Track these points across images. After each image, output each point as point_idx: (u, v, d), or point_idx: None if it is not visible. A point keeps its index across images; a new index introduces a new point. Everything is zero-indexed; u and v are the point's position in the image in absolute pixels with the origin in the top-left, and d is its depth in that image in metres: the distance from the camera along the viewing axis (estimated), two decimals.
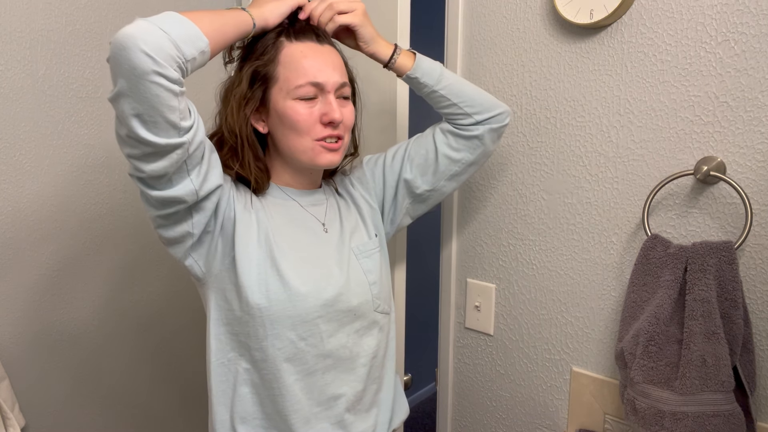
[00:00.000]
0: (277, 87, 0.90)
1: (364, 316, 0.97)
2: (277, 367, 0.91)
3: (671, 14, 0.97)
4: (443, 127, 1.03)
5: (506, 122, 1.04)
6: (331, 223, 1.00)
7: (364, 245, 1.01)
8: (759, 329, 0.94)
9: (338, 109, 0.90)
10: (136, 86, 0.72)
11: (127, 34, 0.71)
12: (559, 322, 1.18)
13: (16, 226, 1.24)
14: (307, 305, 0.90)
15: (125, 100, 0.73)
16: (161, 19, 0.74)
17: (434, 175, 1.04)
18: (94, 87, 1.34)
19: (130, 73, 0.71)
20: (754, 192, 0.92)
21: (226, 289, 0.91)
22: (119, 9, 1.36)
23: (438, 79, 0.98)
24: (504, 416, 1.30)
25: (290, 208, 0.97)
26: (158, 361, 1.57)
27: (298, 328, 0.90)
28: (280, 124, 0.91)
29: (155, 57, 0.71)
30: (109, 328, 1.44)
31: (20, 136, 1.23)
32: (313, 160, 0.92)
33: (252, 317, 0.89)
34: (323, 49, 0.92)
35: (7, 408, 1.18)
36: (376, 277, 1.00)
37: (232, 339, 0.92)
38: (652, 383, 0.92)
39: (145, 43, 0.70)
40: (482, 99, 1.01)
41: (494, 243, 1.26)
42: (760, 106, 0.90)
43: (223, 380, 0.94)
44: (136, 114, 0.73)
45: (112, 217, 1.41)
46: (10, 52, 1.20)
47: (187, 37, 0.75)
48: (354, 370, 0.97)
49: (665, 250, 0.95)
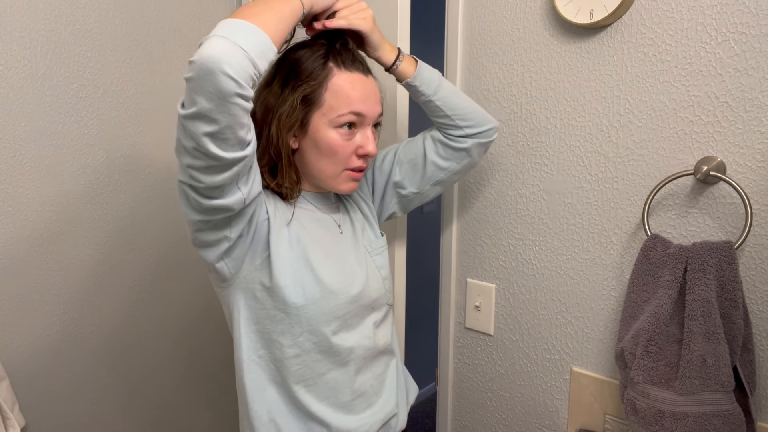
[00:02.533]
0: (320, 112, 0.92)
1: (379, 308, 1.04)
2: (312, 359, 0.95)
3: (671, 14, 0.97)
4: (434, 135, 1.07)
5: (494, 137, 1.07)
6: (345, 225, 1.04)
7: (374, 243, 1.06)
8: (759, 329, 0.94)
9: (373, 143, 0.95)
10: (218, 108, 0.73)
11: (211, 56, 0.71)
12: (559, 322, 1.18)
13: (16, 226, 1.24)
14: (339, 301, 0.94)
15: (202, 119, 0.74)
16: (237, 33, 0.74)
17: (421, 179, 1.08)
18: (94, 87, 1.34)
19: (215, 95, 0.72)
20: (754, 192, 0.92)
21: (256, 289, 0.92)
22: (119, 9, 1.36)
23: (435, 89, 1.01)
24: (504, 416, 1.30)
25: (313, 211, 1.01)
26: (160, 361, 1.57)
27: (331, 323, 0.94)
28: (315, 148, 0.93)
29: (239, 80, 0.72)
30: (109, 328, 1.44)
31: (20, 136, 1.23)
32: (337, 186, 0.97)
33: (288, 315, 0.92)
34: (368, 82, 0.94)
35: (7, 408, 1.18)
36: (386, 272, 1.06)
37: (263, 337, 0.95)
38: (652, 383, 0.92)
39: (230, 66, 0.71)
40: (475, 114, 1.04)
41: (494, 243, 1.26)
42: (760, 106, 0.90)
43: (254, 377, 0.96)
44: (211, 132, 0.74)
45: (112, 217, 1.41)
46: (10, 52, 1.20)
47: (261, 51, 0.76)
48: (376, 357, 1.03)
49: (665, 250, 0.95)
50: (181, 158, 0.80)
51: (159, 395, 1.58)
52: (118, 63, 1.38)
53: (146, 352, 1.53)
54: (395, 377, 1.08)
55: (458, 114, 1.03)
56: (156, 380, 1.57)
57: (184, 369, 1.64)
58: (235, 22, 0.75)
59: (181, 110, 0.75)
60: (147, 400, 1.55)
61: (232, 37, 0.73)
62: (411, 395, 1.15)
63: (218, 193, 0.81)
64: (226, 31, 0.74)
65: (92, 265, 1.38)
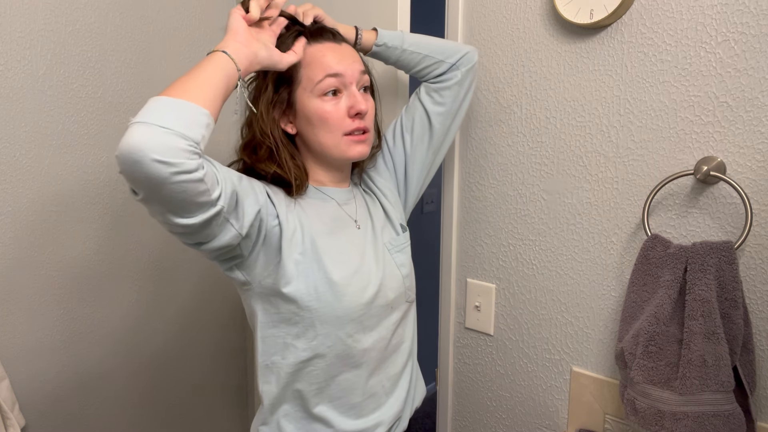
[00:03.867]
0: (302, 87, 0.93)
1: (399, 307, 1.03)
2: (327, 362, 0.94)
3: (671, 14, 0.97)
4: (427, 88, 1.08)
5: (476, 59, 1.10)
6: (363, 220, 1.03)
7: (395, 240, 1.05)
8: (759, 329, 0.94)
9: (363, 101, 0.94)
10: (159, 193, 0.71)
11: (132, 146, 0.67)
12: (559, 322, 1.18)
13: (16, 226, 1.24)
14: (354, 304, 0.93)
15: (152, 203, 0.73)
16: (155, 113, 0.70)
17: (432, 137, 1.09)
18: (94, 87, 1.34)
19: (149, 183, 0.69)
20: (754, 192, 0.92)
21: (272, 294, 0.92)
22: (119, 9, 1.36)
23: (402, 39, 1.04)
24: (504, 416, 1.30)
25: (328, 208, 0.99)
26: (159, 361, 1.57)
27: (346, 326, 0.94)
28: (308, 123, 0.94)
29: (169, 160, 0.68)
30: (109, 327, 1.44)
31: (20, 136, 1.23)
32: (345, 154, 0.95)
33: (302, 319, 0.92)
34: (341, 47, 0.95)
35: (7, 408, 1.18)
36: (408, 270, 1.06)
37: (277, 341, 0.95)
38: (652, 383, 0.92)
39: (153, 151, 0.67)
40: (447, 44, 1.07)
41: (494, 243, 1.26)
42: (760, 106, 0.90)
43: (266, 381, 0.97)
44: (169, 210, 0.74)
45: (113, 217, 1.41)
46: (10, 52, 1.20)
47: (189, 121, 0.72)
48: (391, 358, 1.02)
49: (665, 250, 0.95)
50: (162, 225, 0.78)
51: (159, 394, 1.58)
52: (118, 63, 1.38)
53: (146, 352, 1.53)
54: (409, 378, 1.07)
55: (434, 50, 1.05)
56: (156, 379, 1.57)
57: (185, 368, 1.64)
58: (152, 103, 0.72)
59: (132, 194, 0.74)
60: (147, 399, 1.55)
61: (150, 119, 0.69)
62: (418, 398, 1.14)
63: (209, 239, 0.80)
64: (143, 115, 0.70)
65: (92, 265, 1.38)
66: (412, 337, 1.08)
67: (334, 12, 1.29)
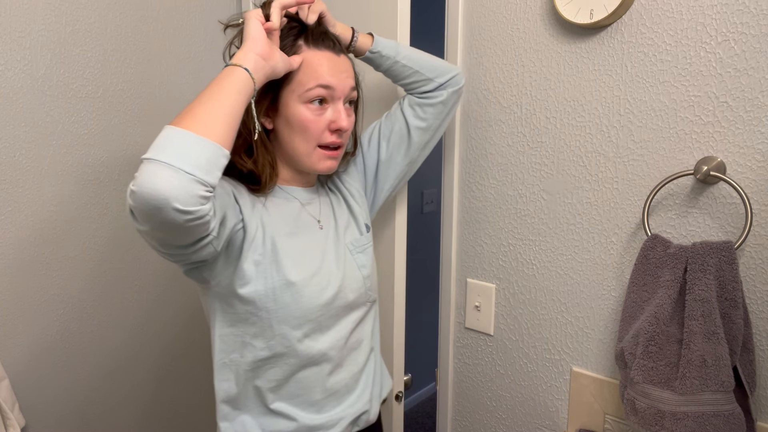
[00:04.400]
0: (290, 88, 0.91)
1: (359, 307, 1.03)
2: (285, 362, 0.95)
3: (671, 14, 0.97)
4: (411, 100, 1.08)
5: (463, 83, 1.11)
6: (326, 220, 1.03)
7: (357, 241, 1.05)
8: (759, 329, 0.94)
9: (346, 118, 0.93)
10: (170, 233, 0.71)
11: (157, 192, 0.66)
12: (559, 322, 1.18)
13: (16, 226, 1.24)
14: (311, 305, 0.93)
15: (151, 236, 0.73)
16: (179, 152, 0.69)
17: (408, 148, 1.09)
18: (94, 87, 1.34)
19: (161, 225, 0.69)
20: (754, 192, 0.92)
21: (231, 293, 0.92)
22: (119, 9, 1.36)
23: (397, 50, 1.04)
24: (504, 416, 1.30)
25: (291, 209, 0.98)
26: (159, 361, 1.57)
27: (303, 326, 0.94)
28: (287, 125, 0.93)
29: (188, 209, 0.68)
30: (109, 327, 1.44)
31: (20, 136, 1.23)
32: (314, 165, 0.95)
33: (260, 319, 0.92)
34: (339, 59, 0.94)
35: (7, 408, 1.18)
36: (369, 270, 1.05)
37: (235, 340, 0.95)
38: (652, 383, 0.92)
39: (177, 200, 0.67)
40: (438, 63, 1.07)
41: (494, 243, 1.26)
42: (760, 106, 0.90)
43: (224, 379, 0.97)
44: (165, 240, 0.74)
45: (113, 217, 1.41)
46: (10, 52, 1.20)
47: (211, 165, 0.71)
48: (352, 356, 1.03)
49: (665, 250, 0.95)
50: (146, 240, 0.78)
51: (159, 394, 1.58)
52: (118, 63, 1.38)
53: (146, 352, 1.53)
54: (372, 373, 1.08)
55: (425, 67, 1.05)
56: (156, 379, 1.57)
57: (185, 368, 1.64)
58: (174, 136, 0.71)
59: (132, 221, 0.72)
60: (147, 399, 1.55)
61: (175, 161, 0.68)
62: (385, 390, 1.14)
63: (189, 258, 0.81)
64: (167, 153, 0.69)
65: (92, 265, 1.38)
66: (372, 335, 1.08)
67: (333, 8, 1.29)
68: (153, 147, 0.70)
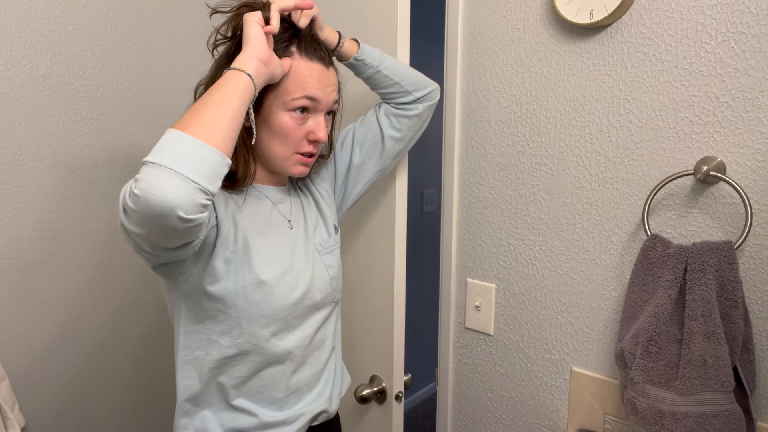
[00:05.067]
0: (275, 94, 0.91)
1: (324, 307, 1.04)
2: (251, 359, 0.95)
3: (671, 14, 0.97)
4: (387, 110, 1.09)
5: (438, 98, 1.12)
6: (296, 220, 1.03)
7: (325, 242, 1.06)
8: (759, 329, 0.94)
9: (324, 130, 0.94)
10: (164, 238, 0.72)
11: (164, 199, 0.66)
12: (559, 322, 1.18)
13: (16, 226, 1.24)
14: (280, 304, 0.94)
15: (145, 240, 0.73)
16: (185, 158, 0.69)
17: (380, 156, 1.11)
18: (94, 87, 1.34)
19: (161, 231, 0.70)
20: (754, 192, 0.92)
21: (198, 291, 0.92)
22: (119, 9, 1.36)
23: (380, 60, 1.04)
24: (504, 416, 1.31)
25: (263, 207, 0.99)
26: (160, 361, 1.57)
27: (271, 324, 0.95)
28: (267, 128, 0.93)
29: (190, 217, 0.69)
30: (109, 328, 1.44)
31: (20, 136, 1.23)
32: (287, 169, 0.96)
33: (228, 317, 0.92)
34: (328, 73, 0.94)
35: (7, 408, 1.18)
36: (336, 271, 1.06)
37: (201, 337, 0.95)
38: (652, 383, 0.92)
39: (182, 209, 0.68)
40: (418, 77, 1.08)
41: (494, 243, 1.26)
42: (760, 106, 0.90)
43: (187, 376, 0.97)
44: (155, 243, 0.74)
45: (112, 217, 1.41)
46: (10, 52, 1.20)
47: (214, 174, 0.72)
48: (315, 354, 1.04)
49: (665, 250, 0.95)
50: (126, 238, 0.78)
51: (159, 395, 1.58)
52: (118, 63, 1.38)
53: (147, 352, 1.53)
54: (332, 372, 1.09)
55: (405, 80, 1.06)
56: (156, 380, 1.57)
57: None
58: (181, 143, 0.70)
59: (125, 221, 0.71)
60: (147, 399, 1.55)
61: (182, 169, 0.68)
62: (344, 386, 1.15)
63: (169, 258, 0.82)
64: (173, 159, 0.68)
65: (92, 264, 1.39)
66: (334, 334, 1.10)
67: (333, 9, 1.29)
68: (157, 150, 0.70)
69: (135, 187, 0.68)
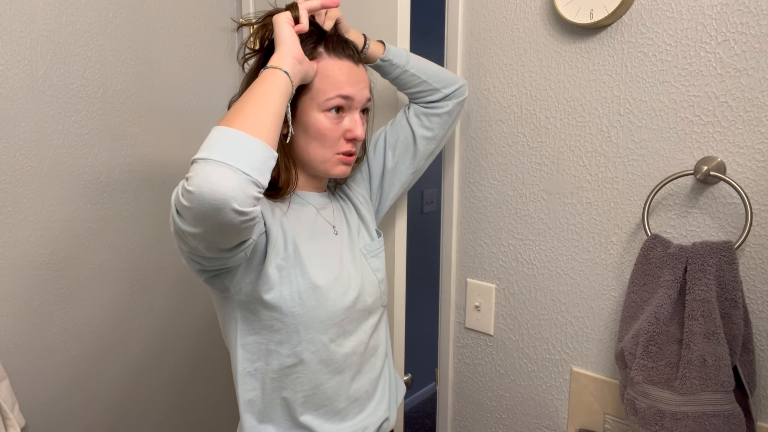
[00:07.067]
0: (309, 96, 0.91)
1: (375, 311, 1.03)
2: (311, 369, 0.94)
3: (671, 14, 0.97)
4: (416, 110, 1.09)
5: (467, 94, 1.13)
6: (340, 225, 1.03)
7: (369, 245, 1.05)
8: (759, 329, 0.94)
9: (361, 128, 0.94)
10: (222, 236, 0.71)
11: (219, 192, 0.66)
12: (559, 322, 1.18)
13: (17, 226, 1.24)
14: (336, 309, 0.94)
15: (201, 240, 0.72)
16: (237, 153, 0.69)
17: (413, 157, 1.10)
18: (94, 87, 1.34)
19: (218, 228, 0.69)
20: (754, 192, 0.92)
21: (253, 300, 0.91)
22: (119, 9, 1.36)
23: (407, 59, 1.04)
24: (504, 416, 1.31)
25: (308, 213, 0.99)
26: (160, 361, 1.57)
27: (329, 330, 0.94)
28: (304, 132, 0.93)
29: (245, 210, 0.69)
30: (109, 328, 1.44)
31: (20, 136, 1.23)
32: (329, 171, 0.96)
33: (285, 325, 0.91)
34: (358, 70, 0.94)
35: (7, 408, 1.18)
36: (383, 274, 1.06)
37: (260, 348, 0.94)
38: (652, 383, 0.92)
39: (237, 201, 0.68)
40: (445, 74, 1.08)
41: (494, 243, 1.26)
42: (760, 106, 0.90)
43: (250, 389, 0.96)
44: (210, 244, 0.74)
45: (113, 218, 1.41)
46: (10, 52, 1.20)
47: (264, 166, 0.72)
48: (370, 361, 1.03)
49: (665, 250, 0.95)
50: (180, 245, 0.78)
51: (159, 395, 1.58)
52: (118, 63, 1.38)
53: (147, 352, 1.53)
54: (388, 379, 1.08)
55: (433, 77, 1.06)
56: (156, 380, 1.57)
57: (185, 369, 1.64)
58: (229, 137, 0.71)
59: (180, 223, 0.71)
60: (147, 400, 1.55)
61: (232, 161, 0.69)
62: (400, 395, 1.15)
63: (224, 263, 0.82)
64: (223, 152, 0.69)
65: (92, 264, 1.38)
66: (386, 340, 1.09)
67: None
68: (206, 147, 0.70)
69: (188, 184, 0.68)
